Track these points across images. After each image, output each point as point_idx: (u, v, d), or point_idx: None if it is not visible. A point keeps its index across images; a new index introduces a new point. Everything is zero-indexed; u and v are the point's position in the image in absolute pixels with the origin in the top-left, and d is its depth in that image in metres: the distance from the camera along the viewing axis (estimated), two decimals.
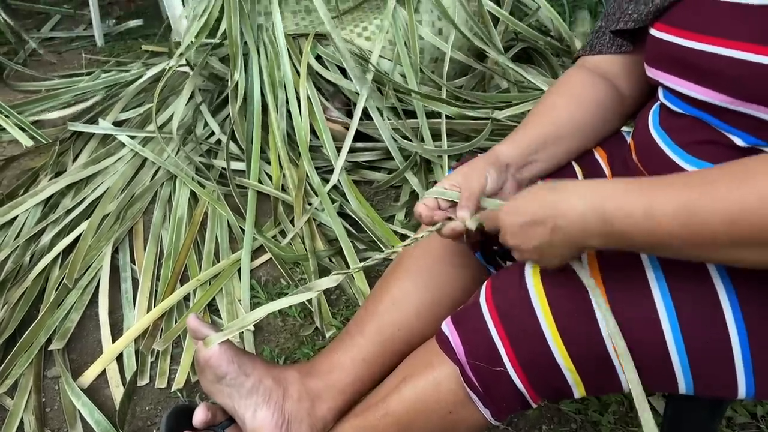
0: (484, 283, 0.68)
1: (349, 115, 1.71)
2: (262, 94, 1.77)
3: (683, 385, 0.58)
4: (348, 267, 1.34)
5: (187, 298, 1.32)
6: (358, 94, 1.65)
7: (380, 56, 1.75)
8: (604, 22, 0.82)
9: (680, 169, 0.65)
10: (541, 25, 2.10)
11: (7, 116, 1.99)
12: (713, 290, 0.56)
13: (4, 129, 1.96)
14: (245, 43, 1.80)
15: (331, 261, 1.41)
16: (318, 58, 1.79)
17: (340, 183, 1.58)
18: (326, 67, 1.77)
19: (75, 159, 1.79)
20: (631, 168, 0.75)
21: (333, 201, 1.53)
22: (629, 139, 0.79)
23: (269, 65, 1.78)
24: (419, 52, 1.76)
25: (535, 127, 0.80)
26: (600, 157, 0.82)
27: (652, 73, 0.71)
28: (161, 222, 1.54)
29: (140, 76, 2.12)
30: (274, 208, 1.54)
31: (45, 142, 1.88)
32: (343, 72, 1.74)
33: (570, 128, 0.79)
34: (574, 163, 0.82)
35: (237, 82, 1.73)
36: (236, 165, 1.69)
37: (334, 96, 1.81)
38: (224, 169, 1.64)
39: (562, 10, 2.31)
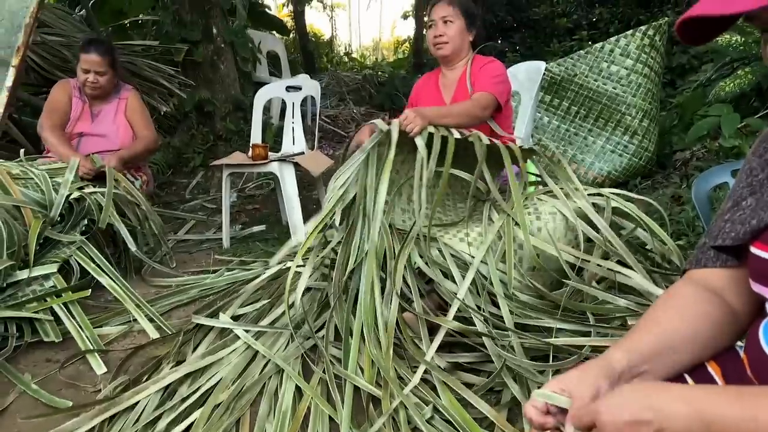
0: None
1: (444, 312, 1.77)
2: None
3: None
4: None
5: None
6: (455, 295, 1.72)
7: (480, 261, 1.85)
8: (707, 238, 0.86)
9: None
10: (635, 238, 2.14)
11: (140, 309, 2.22)
12: None
13: (136, 320, 2.18)
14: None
15: None
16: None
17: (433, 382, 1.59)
18: (429, 266, 1.88)
19: (194, 349, 1.93)
20: (748, 384, 0.74)
21: (426, 402, 1.54)
22: (743, 354, 0.79)
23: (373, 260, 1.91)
24: (518, 260, 1.85)
25: (648, 336, 0.80)
26: (714, 371, 0.82)
27: (756, 288, 0.73)
28: (267, 414, 1.59)
29: (259, 275, 2.34)
30: (366, 404, 1.56)
31: (170, 333, 2.06)
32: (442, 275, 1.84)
33: (682, 340, 0.79)
34: (687, 377, 0.81)
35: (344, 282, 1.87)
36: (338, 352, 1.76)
37: (429, 294, 1.89)
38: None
39: (661, 224, 2.36)
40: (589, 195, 1.99)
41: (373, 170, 1.96)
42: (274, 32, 7.98)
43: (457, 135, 2.02)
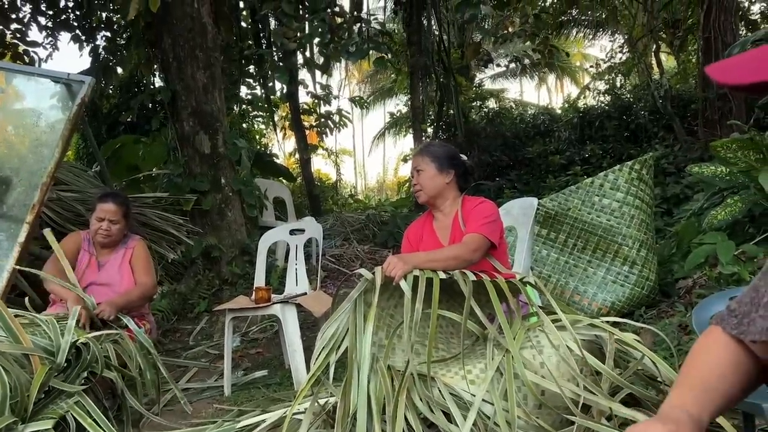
0: None
1: None
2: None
3: None
4: None
5: None
6: None
7: (483, 400, 1.79)
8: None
9: None
10: (646, 368, 2.09)
11: None
12: None
13: None
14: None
15: None
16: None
17: None
18: (431, 409, 1.82)
19: None
20: None
21: None
22: None
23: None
24: (523, 398, 1.80)
25: (714, 394, 0.90)
26: None
27: None
28: None
29: (258, 425, 2.26)
30: None
31: None
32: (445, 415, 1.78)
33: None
34: None
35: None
36: None
37: None
38: None
39: (669, 354, 2.30)
40: (589, 325, 1.97)
41: (360, 317, 1.98)
42: (281, 179, 8.36)
43: (442, 276, 2.05)
